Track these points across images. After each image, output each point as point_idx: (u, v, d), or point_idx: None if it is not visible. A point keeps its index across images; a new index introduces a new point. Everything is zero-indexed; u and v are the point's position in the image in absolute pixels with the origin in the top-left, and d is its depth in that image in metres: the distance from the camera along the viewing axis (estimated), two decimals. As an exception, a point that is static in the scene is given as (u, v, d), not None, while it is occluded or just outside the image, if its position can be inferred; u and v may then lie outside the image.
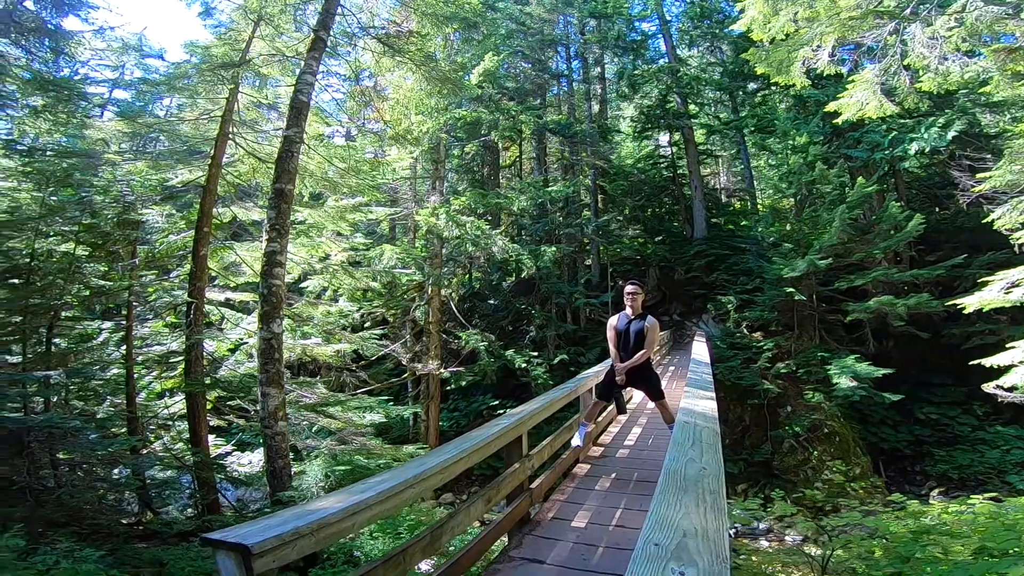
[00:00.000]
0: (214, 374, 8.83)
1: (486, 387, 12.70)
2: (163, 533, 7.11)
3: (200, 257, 7.91)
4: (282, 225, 7.40)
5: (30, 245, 7.60)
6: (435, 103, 10.95)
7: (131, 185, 8.25)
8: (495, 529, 3.43)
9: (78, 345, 8.34)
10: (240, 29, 9.63)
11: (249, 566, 1.67)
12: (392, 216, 11.53)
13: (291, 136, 7.73)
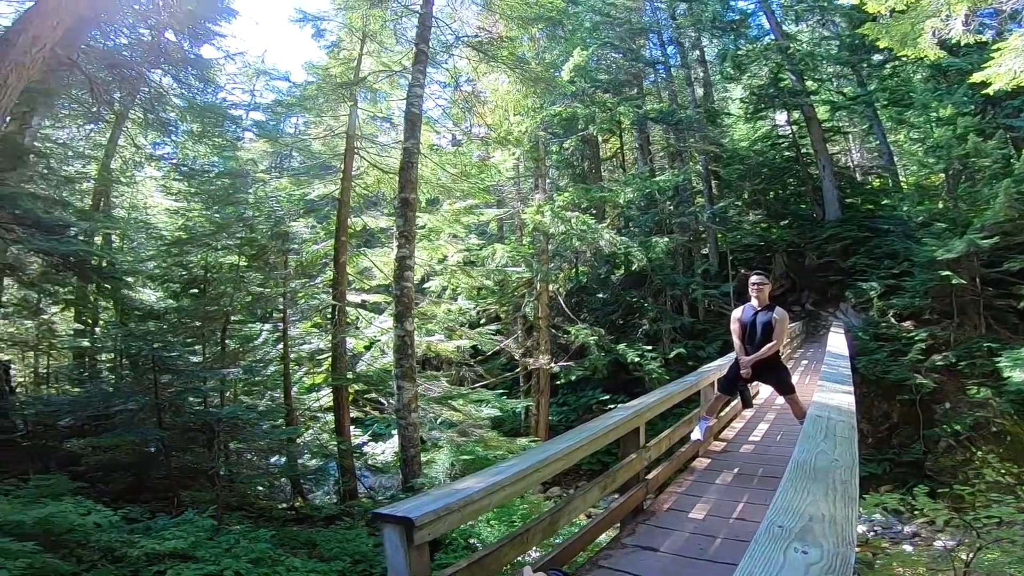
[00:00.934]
0: (354, 369, 9.83)
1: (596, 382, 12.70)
2: (312, 517, 7.80)
3: (340, 264, 8.86)
4: (409, 232, 8.07)
5: (204, 259, 9.04)
6: (531, 103, 11.17)
7: (279, 201, 9.45)
8: (608, 517, 3.53)
9: (244, 345, 9.74)
10: (348, 47, 10.55)
11: (411, 537, 1.95)
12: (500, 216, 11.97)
13: (410, 148, 8.37)
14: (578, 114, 13.15)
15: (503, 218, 12.07)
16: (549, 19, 10.07)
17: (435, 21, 8.95)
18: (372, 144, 10.86)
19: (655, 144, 20.86)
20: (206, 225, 8.98)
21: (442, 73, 10.37)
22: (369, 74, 10.13)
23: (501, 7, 9.34)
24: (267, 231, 9.12)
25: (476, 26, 10.47)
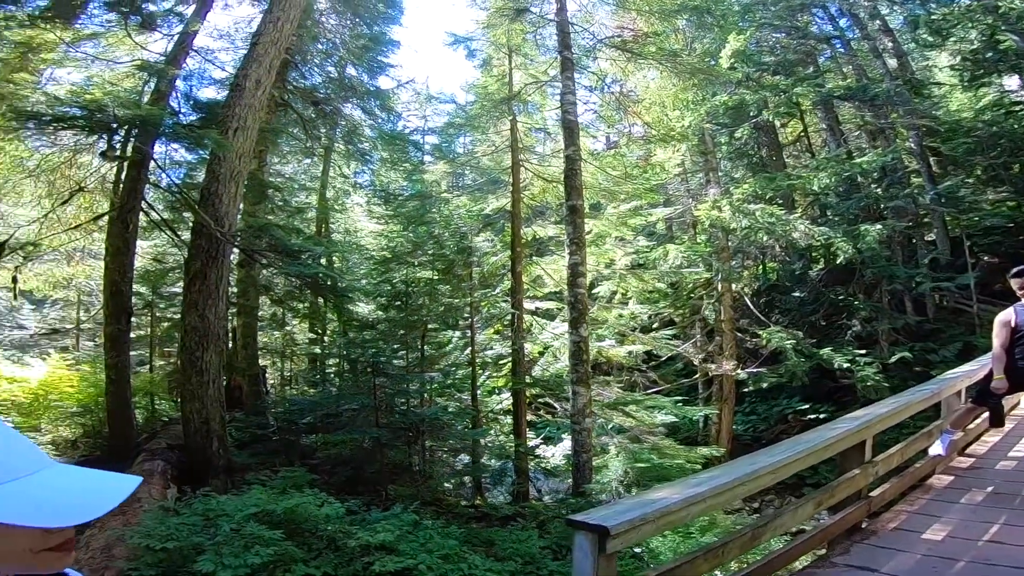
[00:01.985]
0: (531, 373, 10.25)
1: (792, 389, 11.36)
2: (491, 516, 8.04)
3: (517, 273, 9.36)
4: (579, 238, 8.20)
5: (405, 275, 10.27)
6: (691, 96, 10.57)
7: (462, 217, 10.33)
8: (818, 534, 3.23)
9: (438, 351, 10.82)
10: (498, 63, 11.09)
11: (603, 545, 1.97)
12: (669, 216, 11.49)
13: (571, 155, 8.51)
14: (746, 101, 12.08)
15: (672, 217, 11.57)
16: (693, 8, 9.45)
17: (572, 27, 9.01)
18: (534, 155, 11.31)
19: (847, 123, 18.12)
20: (405, 244, 10.22)
21: (588, 77, 10.38)
22: (522, 87, 10.58)
23: (636, 4, 9.06)
24: (453, 246, 10.03)
25: (614, 27, 10.31)
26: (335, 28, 11.89)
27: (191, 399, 7.27)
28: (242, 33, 11.12)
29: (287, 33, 8.55)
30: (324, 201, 12.11)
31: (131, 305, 7.50)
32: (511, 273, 9.68)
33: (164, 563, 4.12)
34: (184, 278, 7.28)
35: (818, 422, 10.06)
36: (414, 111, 16.85)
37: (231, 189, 7.65)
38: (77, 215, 7.69)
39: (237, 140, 7.61)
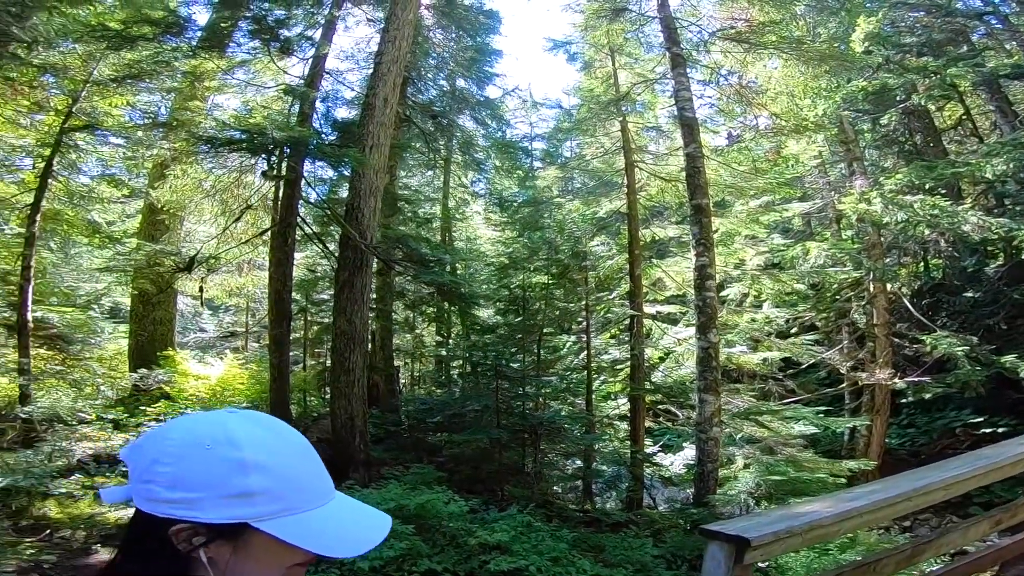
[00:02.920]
0: (650, 379, 9.96)
1: (962, 400, 9.86)
2: (601, 521, 7.86)
3: (635, 277, 9.15)
4: (706, 239, 7.82)
5: (522, 280, 10.50)
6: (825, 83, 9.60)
7: (576, 222, 10.32)
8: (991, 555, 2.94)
9: (553, 355, 10.90)
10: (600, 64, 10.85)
11: (740, 557, 1.90)
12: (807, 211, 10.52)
13: (692, 152, 8.15)
14: (889, 85, 10.70)
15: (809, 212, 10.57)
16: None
17: (677, 22, 8.65)
18: (647, 155, 10.99)
19: (1020, 104, 15.41)
20: (521, 250, 10.44)
21: (700, 71, 9.85)
22: (631, 87, 10.32)
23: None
24: (568, 251, 10.06)
25: (724, 18, 9.63)
26: (441, 42, 12.46)
27: (339, 396, 7.98)
28: (362, 53, 12.06)
29: (404, 51, 9.04)
30: (447, 210, 12.75)
31: (291, 311, 8.43)
32: (629, 276, 9.48)
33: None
34: (334, 286, 8.02)
35: (994, 437, 8.61)
36: (521, 118, 17.15)
37: (371, 203, 8.30)
38: (245, 230, 8.82)
39: (373, 157, 8.23)
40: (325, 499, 0.74)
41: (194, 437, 0.68)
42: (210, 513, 0.65)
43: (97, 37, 7.81)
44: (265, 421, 0.75)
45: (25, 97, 8.30)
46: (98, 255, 9.23)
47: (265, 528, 0.66)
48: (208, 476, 0.65)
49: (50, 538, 4.98)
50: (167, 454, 0.66)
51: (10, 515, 5.07)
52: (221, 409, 0.75)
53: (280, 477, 0.69)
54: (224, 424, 0.69)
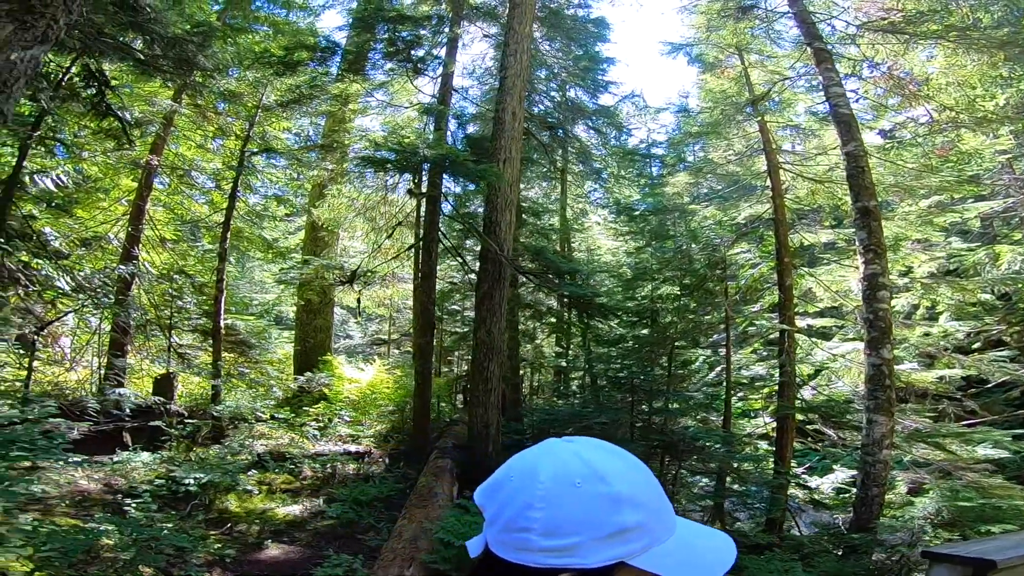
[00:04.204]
0: (799, 397, 9.16)
1: None
2: (739, 542, 7.53)
3: (786, 287, 8.49)
4: (877, 245, 7.09)
5: (650, 291, 10.15)
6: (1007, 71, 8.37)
7: (713, 229, 9.81)
8: None
9: (686, 369, 10.39)
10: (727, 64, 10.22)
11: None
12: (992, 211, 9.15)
13: (853, 152, 7.44)
14: None
15: (993, 212, 9.18)
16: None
17: (813, 16, 8.01)
18: (788, 155, 10.24)
19: None
20: (650, 260, 10.11)
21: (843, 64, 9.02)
22: (772, 85, 9.65)
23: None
24: (704, 260, 9.57)
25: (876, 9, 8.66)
26: (550, 53, 12.49)
27: (476, 404, 8.16)
28: (480, 69, 12.41)
29: (526, 64, 9.12)
30: (565, 221, 12.74)
31: (435, 321, 8.78)
32: (778, 287, 8.81)
33: (457, 559, 4.39)
34: (475, 298, 8.24)
35: None
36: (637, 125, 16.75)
37: (507, 217, 8.47)
38: (392, 246, 9.37)
39: (507, 171, 8.39)
40: (676, 524, 0.69)
41: (563, 475, 0.62)
42: (590, 558, 0.60)
43: (264, 63, 8.74)
44: (609, 448, 0.69)
45: (211, 123, 9.51)
46: (267, 269, 10.31)
47: (638, 564, 0.62)
48: (585, 517, 0.60)
49: (230, 532, 5.31)
50: (538, 498, 0.61)
51: (201, 508, 5.48)
52: (553, 439, 0.70)
53: (647, 508, 0.64)
54: (581, 456, 0.64)
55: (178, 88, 8.61)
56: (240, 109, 9.23)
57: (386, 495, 6.52)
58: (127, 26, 6.87)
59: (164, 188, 9.36)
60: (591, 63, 12.33)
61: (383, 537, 5.19)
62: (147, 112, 8.49)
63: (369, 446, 8.59)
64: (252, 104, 9.03)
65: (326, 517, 5.90)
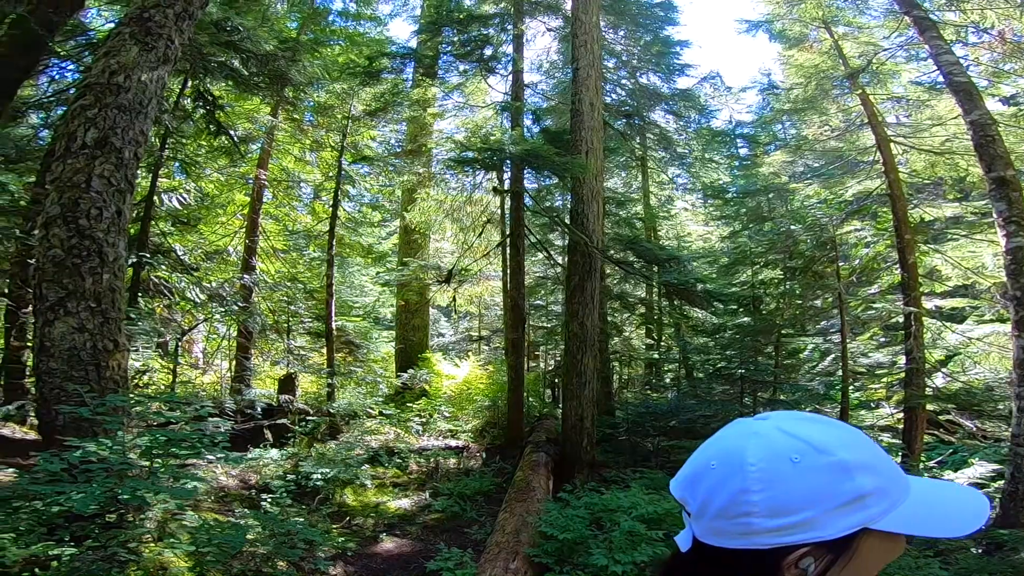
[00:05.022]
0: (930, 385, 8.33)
1: None
2: None
3: (909, 265, 7.74)
4: (1020, 216, 6.32)
5: (751, 277, 9.61)
6: None
7: (818, 208, 9.12)
8: None
9: (795, 358, 9.76)
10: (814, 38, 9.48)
11: None
12: None
13: (978, 120, 6.77)
14: None
15: None
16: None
17: None
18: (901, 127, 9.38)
19: None
20: (749, 244, 9.57)
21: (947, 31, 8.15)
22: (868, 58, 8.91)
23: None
24: (811, 241, 8.93)
25: None
26: (616, 40, 12.11)
27: (570, 398, 8.10)
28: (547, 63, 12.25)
29: (598, 54, 8.90)
30: (649, 209, 12.34)
31: (525, 316, 8.84)
32: (899, 265, 8.03)
33: (558, 552, 4.39)
34: (565, 291, 8.19)
35: None
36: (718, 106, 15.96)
37: (593, 208, 8.33)
38: (481, 244, 9.54)
39: (591, 161, 8.24)
40: (909, 483, 0.67)
41: (775, 453, 0.61)
42: (829, 529, 0.59)
43: (351, 74, 9.16)
44: (809, 417, 0.67)
45: (307, 136, 10.16)
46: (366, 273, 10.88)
47: (883, 527, 0.61)
48: (814, 490, 0.59)
49: (349, 525, 5.52)
50: (753, 480, 0.60)
51: (323, 503, 5.74)
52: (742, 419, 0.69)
53: (878, 471, 0.63)
54: (787, 431, 0.63)
55: (275, 104, 9.28)
56: (331, 121, 9.76)
57: (486, 489, 6.63)
58: (225, 45, 7.49)
59: (271, 201, 10.09)
60: (664, 48, 11.90)
61: (486, 531, 5.27)
62: (250, 129, 9.21)
63: (467, 441, 8.78)
64: (342, 115, 9.52)
65: (432, 511, 6.07)
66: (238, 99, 9.37)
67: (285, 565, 3.89)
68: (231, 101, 9.07)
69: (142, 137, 5.21)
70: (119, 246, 4.91)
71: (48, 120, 7.44)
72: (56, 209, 4.61)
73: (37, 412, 4.68)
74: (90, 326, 4.46)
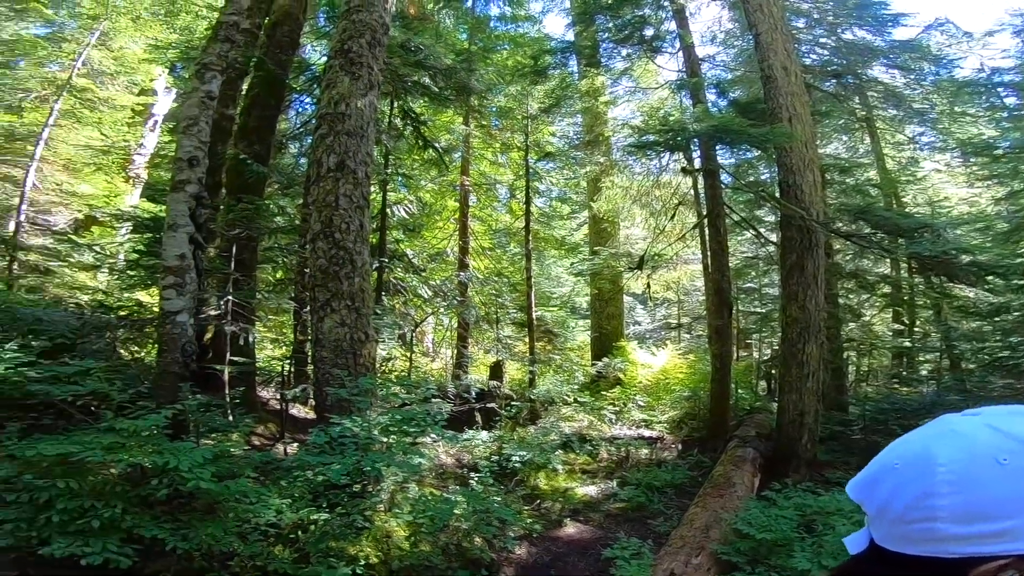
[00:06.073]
0: None
1: None
2: None
3: None
4: None
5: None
6: None
7: None
8: None
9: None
10: None
11: None
12: None
13: None
14: None
15: None
16: None
17: None
18: None
19: None
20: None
21: None
22: None
23: None
24: None
25: None
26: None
27: (789, 391, 7.25)
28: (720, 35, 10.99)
29: (778, 16, 7.90)
30: (885, 173, 10.26)
31: (731, 300, 8.19)
32: None
33: (753, 551, 4.05)
34: (781, 272, 7.38)
35: None
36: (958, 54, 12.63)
37: (808, 178, 7.33)
38: (674, 227, 9.12)
39: (796, 128, 7.30)
40: None
41: (975, 455, 0.55)
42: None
43: (521, 75, 9.60)
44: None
45: (495, 140, 10.98)
46: (560, 264, 11.34)
47: None
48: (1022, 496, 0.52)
49: (538, 508, 5.76)
50: (942, 483, 0.55)
51: (518, 484, 6.07)
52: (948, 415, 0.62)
53: None
54: (999, 429, 0.56)
55: (465, 113, 10.22)
56: (513, 123, 10.39)
57: (678, 482, 6.39)
58: (415, 65, 8.48)
59: (476, 204, 11.17)
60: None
61: (672, 524, 5.10)
62: (450, 139, 10.33)
63: (662, 432, 8.54)
64: (521, 116, 10.07)
65: (618, 500, 6.03)
66: (435, 113, 10.58)
67: (480, 541, 4.22)
68: (429, 116, 10.28)
69: (368, 158, 6.24)
70: (364, 253, 5.97)
71: (302, 149, 9.33)
72: (318, 226, 5.82)
73: (314, 393, 5.95)
74: (348, 321, 5.53)
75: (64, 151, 9.17)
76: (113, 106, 9.89)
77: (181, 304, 4.39)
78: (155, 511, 3.34)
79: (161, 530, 3.18)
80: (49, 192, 8.90)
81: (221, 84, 5.65)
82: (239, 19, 5.82)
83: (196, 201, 4.65)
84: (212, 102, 5.43)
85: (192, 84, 5.79)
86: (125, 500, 3.25)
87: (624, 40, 9.35)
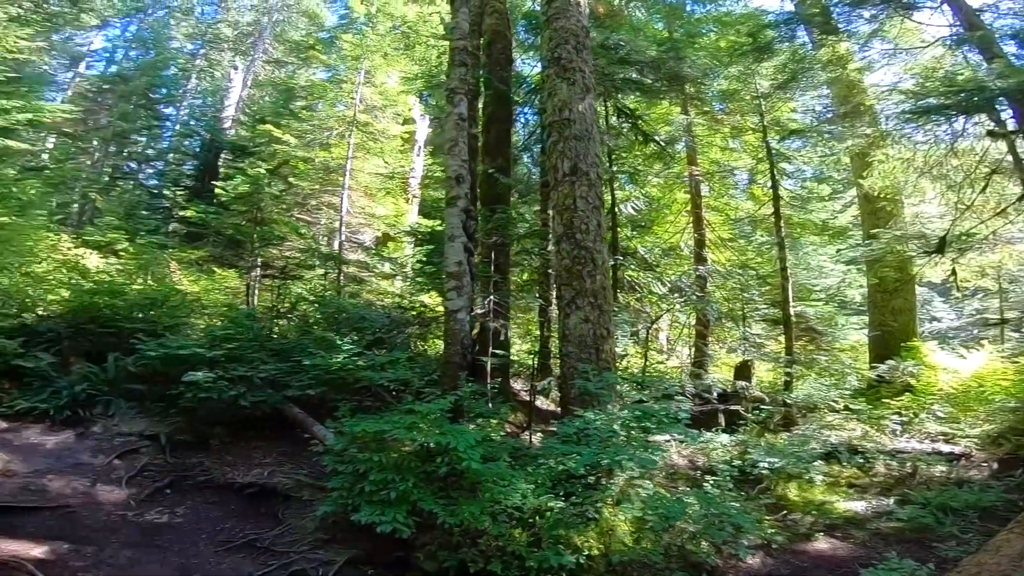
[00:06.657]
0: None
1: None
2: None
3: None
4: None
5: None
6: None
7: None
8: None
9: None
10: None
11: None
12: None
13: None
14: None
15: None
16: None
17: None
18: None
19: None
20: None
21: None
22: None
23: None
24: None
25: None
26: None
27: None
28: None
29: None
30: None
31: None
32: None
33: None
34: None
35: None
36: None
37: None
38: (986, 200, 7.06)
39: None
40: None
41: None
42: None
43: (739, 55, 8.64)
44: None
45: (722, 124, 10.09)
46: (823, 252, 9.84)
47: None
48: None
49: (783, 519, 5.21)
50: None
51: (763, 492, 5.55)
52: None
53: None
54: None
55: (682, 102, 9.56)
56: (742, 105, 9.45)
57: (985, 504, 5.09)
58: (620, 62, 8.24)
59: (710, 194, 10.47)
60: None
61: (968, 549, 4.17)
62: (670, 131, 9.87)
63: (968, 447, 6.75)
64: (750, 96, 9.09)
65: (893, 518, 5.20)
66: (649, 107, 10.20)
67: (707, 545, 3.98)
68: (644, 110, 9.98)
69: (596, 159, 6.36)
70: (603, 252, 6.13)
71: (534, 157, 9.94)
72: (560, 228, 6.16)
73: (559, 386, 6.31)
74: (592, 317, 5.74)
75: (362, 179, 11.57)
76: (388, 136, 12.00)
77: (461, 303, 5.14)
78: (434, 487, 3.93)
79: (436, 505, 3.69)
80: (357, 215, 11.38)
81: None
82: (465, 43, 6.51)
83: (466, 214, 5.37)
84: (464, 123, 6.21)
85: (446, 109, 6.71)
86: (415, 475, 3.88)
87: (862, 1, 7.88)
